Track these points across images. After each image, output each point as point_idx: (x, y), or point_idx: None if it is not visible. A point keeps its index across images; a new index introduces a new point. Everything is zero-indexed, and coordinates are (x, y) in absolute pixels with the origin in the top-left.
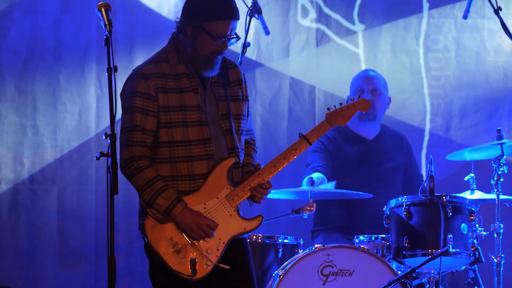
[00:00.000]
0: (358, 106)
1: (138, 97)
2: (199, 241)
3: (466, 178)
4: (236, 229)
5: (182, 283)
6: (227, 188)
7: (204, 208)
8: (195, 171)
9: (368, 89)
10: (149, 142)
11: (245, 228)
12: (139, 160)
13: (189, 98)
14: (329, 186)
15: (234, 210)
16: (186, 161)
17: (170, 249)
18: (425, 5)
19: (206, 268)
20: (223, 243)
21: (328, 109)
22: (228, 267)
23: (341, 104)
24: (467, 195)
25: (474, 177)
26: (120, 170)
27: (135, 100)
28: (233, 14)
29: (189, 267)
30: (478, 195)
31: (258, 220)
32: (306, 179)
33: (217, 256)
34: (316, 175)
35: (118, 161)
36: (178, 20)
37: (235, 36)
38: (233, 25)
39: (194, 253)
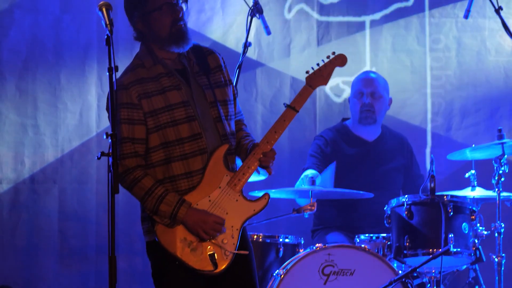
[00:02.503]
0: (335, 62)
1: (123, 109)
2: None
3: (467, 175)
4: (246, 212)
5: (192, 280)
6: (226, 175)
7: (209, 201)
8: (191, 168)
9: (368, 92)
10: (140, 151)
11: (254, 210)
12: (134, 172)
13: (172, 97)
14: (329, 171)
15: (239, 195)
16: (181, 159)
17: (187, 249)
18: (426, 4)
19: (226, 258)
20: (237, 229)
21: (306, 72)
22: (247, 252)
23: (318, 64)
24: (468, 191)
25: (475, 173)
26: (120, 185)
27: (120, 113)
28: None
29: (210, 262)
30: (479, 191)
31: (265, 198)
32: (301, 179)
33: (233, 244)
34: (310, 172)
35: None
36: (134, 36)
37: None
38: None
39: (211, 247)
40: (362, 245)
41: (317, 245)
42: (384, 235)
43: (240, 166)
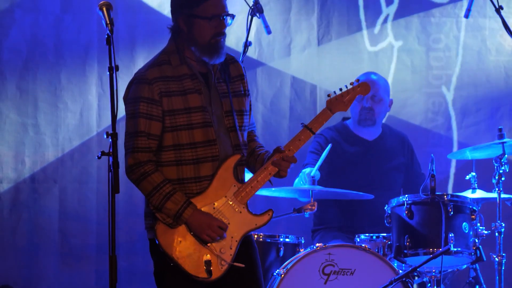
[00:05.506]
0: (358, 90)
1: (142, 103)
2: (212, 242)
3: (467, 177)
4: (247, 225)
5: (192, 284)
6: (234, 185)
7: (214, 208)
8: (201, 173)
9: (368, 95)
10: (154, 147)
11: (256, 224)
12: (145, 165)
13: (193, 100)
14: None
15: (243, 207)
16: (192, 164)
17: (184, 253)
18: (426, 4)
19: (221, 268)
20: (236, 241)
21: (328, 96)
22: (243, 265)
23: (341, 89)
24: (468, 194)
25: (476, 176)
26: (127, 176)
27: (139, 106)
28: None
29: (204, 269)
30: (479, 194)
31: (269, 214)
32: (300, 177)
33: (231, 255)
34: (307, 170)
35: (124, 163)
36: (170, 26)
37: (229, 13)
38: (224, 3)
39: (208, 255)
40: (363, 245)
41: (317, 244)
42: (385, 234)
43: (249, 179)
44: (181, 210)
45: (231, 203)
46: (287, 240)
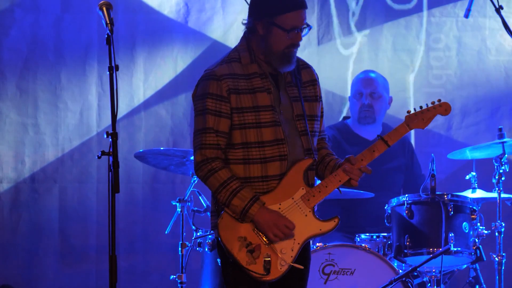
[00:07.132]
0: (438, 109)
1: (210, 99)
2: (277, 243)
3: (467, 177)
4: (312, 230)
5: (255, 285)
6: (302, 188)
7: (279, 208)
8: (268, 172)
9: (367, 93)
10: (222, 144)
11: (320, 229)
12: (213, 162)
13: (262, 98)
14: None
15: (309, 211)
16: (260, 163)
17: (244, 249)
18: (426, 4)
19: (281, 268)
20: (298, 243)
21: (408, 112)
22: (302, 267)
23: (421, 107)
24: (468, 193)
25: (476, 175)
26: (195, 173)
27: (207, 102)
28: (302, 3)
29: (263, 266)
30: (479, 193)
31: (334, 221)
32: None
33: (291, 256)
34: None
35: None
36: (245, 21)
37: (306, 25)
38: (304, 15)
39: (268, 253)
40: (363, 245)
41: (317, 244)
42: (385, 234)
43: (318, 184)
44: (247, 206)
45: (297, 205)
46: None
